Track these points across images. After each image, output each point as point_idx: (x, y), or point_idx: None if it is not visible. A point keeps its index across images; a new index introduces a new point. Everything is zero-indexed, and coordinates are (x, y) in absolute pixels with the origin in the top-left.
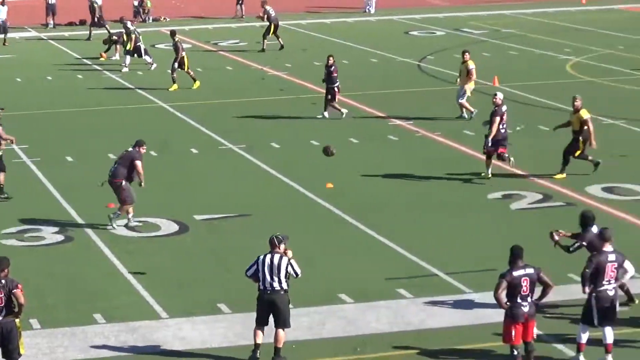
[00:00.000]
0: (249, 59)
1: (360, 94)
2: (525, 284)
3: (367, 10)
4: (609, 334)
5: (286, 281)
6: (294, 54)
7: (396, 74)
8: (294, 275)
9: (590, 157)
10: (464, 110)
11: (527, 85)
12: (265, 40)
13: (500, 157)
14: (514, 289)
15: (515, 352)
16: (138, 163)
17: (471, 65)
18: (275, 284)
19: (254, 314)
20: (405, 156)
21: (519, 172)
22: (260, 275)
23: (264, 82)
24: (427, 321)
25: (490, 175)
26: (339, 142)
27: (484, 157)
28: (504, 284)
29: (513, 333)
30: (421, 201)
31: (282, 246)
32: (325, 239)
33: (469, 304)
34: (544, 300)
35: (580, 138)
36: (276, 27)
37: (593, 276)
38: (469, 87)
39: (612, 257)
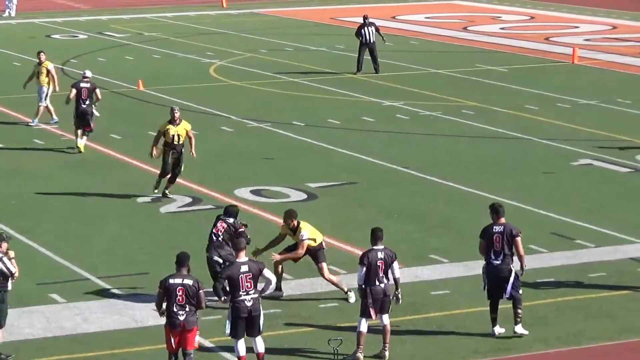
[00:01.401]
0: None
1: (3, 97)
2: (180, 293)
3: (8, 13)
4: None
5: None
6: None
7: None
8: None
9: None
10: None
11: (172, 88)
12: None
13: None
14: (169, 297)
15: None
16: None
17: (51, 65)
18: None
19: None
20: (53, 160)
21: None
22: None
23: None
24: (82, 325)
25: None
26: None
27: (130, 160)
28: (162, 292)
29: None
30: (72, 205)
31: (5, 245)
32: None
33: (122, 308)
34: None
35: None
36: None
37: (229, 287)
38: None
39: (244, 268)
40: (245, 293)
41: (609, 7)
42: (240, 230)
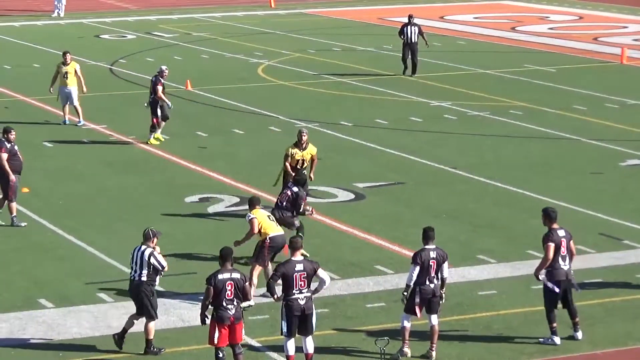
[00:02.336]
0: None
1: (53, 97)
2: (230, 287)
3: (57, 14)
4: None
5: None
6: None
7: (88, 77)
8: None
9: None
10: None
11: (220, 88)
12: None
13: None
14: (218, 292)
15: (221, 354)
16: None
17: (77, 66)
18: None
19: None
20: (101, 160)
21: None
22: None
23: None
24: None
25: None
26: (31, 147)
27: (181, 160)
28: (211, 290)
29: (217, 335)
30: (120, 205)
31: (155, 240)
32: (23, 242)
33: (169, 307)
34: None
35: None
36: None
37: (283, 285)
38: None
39: (299, 266)
40: (298, 291)
41: None
42: (302, 201)
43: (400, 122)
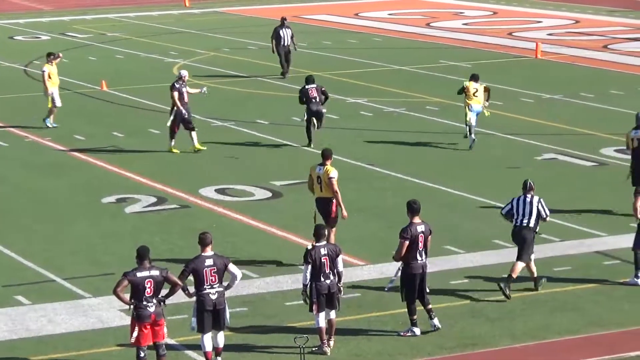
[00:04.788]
0: None
1: None
2: (149, 285)
3: None
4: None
5: None
6: None
7: (2, 79)
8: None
9: None
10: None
11: (136, 88)
12: None
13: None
14: (137, 290)
15: (142, 354)
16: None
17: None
18: None
19: None
20: (17, 162)
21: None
22: None
23: None
24: (48, 327)
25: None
26: None
27: (94, 160)
28: (125, 282)
29: (136, 334)
30: (38, 207)
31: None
32: None
33: (88, 309)
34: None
35: None
36: None
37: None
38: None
39: (209, 262)
40: (210, 286)
41: (571, 2)
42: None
43: None
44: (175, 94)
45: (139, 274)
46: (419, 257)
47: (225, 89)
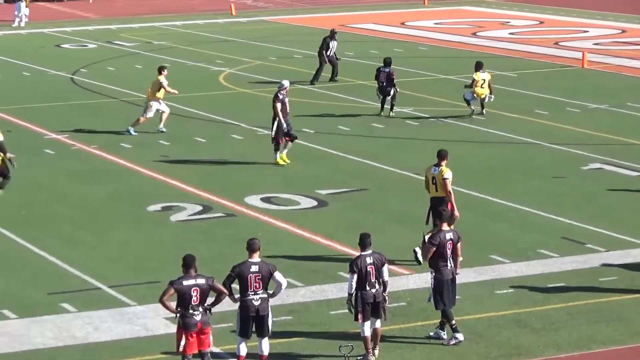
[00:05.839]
0: None
1: (14, 107)
2: (195, 293)
3: (17, 24)
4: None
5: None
6: None
7: (49, 87)
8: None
9: None
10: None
11: (183, 97)
12: None
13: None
14: (184, 299)
15: None
16: None
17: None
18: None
19: None
20: (62, 170)
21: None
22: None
23: None
24: (93, 335)
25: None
26: None
27: (140, 169)
28: (172, 291)
29: (183, 342)
30: (82, 214)
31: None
32: None
33: (133, 317)
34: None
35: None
36: None
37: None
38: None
39: (255, 268)
40: (253, 292)
41: (618, 11)
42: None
43: (362, 128)
44: (278, 105)
45: (185, 283)
46: (448, 264)
47: (270, 97)
